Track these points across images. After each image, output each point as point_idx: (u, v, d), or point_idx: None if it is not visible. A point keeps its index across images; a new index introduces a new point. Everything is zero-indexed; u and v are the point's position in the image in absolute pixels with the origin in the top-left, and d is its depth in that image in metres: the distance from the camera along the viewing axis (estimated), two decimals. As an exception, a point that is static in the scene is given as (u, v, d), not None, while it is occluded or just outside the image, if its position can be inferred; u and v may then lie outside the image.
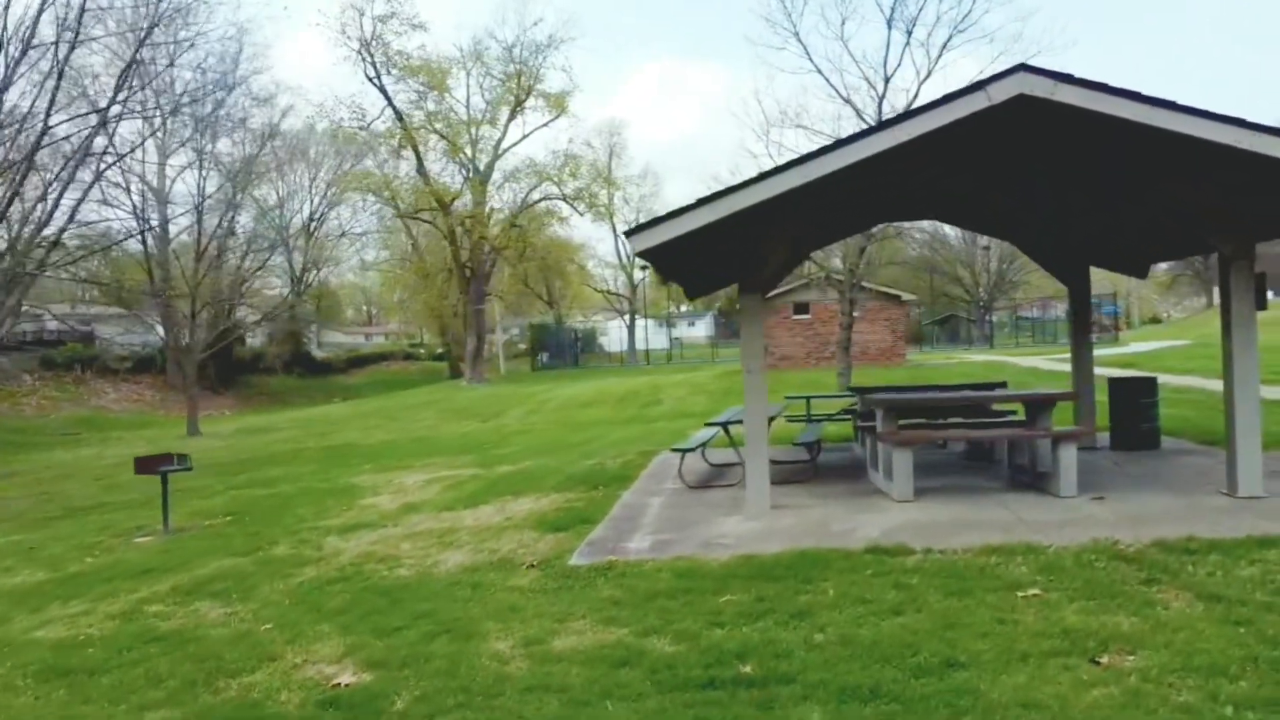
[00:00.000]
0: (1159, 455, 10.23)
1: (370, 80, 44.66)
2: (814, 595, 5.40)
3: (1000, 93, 6.60)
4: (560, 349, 58.49)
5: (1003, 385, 10.76)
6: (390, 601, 6.09)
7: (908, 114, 6.70)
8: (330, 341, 76.50)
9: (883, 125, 6.70)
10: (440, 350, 64.73)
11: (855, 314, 30.05)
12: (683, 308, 79.20)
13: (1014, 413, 9.80)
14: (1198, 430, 11.94)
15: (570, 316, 66.51)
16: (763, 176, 6.84)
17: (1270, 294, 64.98)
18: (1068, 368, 26.76)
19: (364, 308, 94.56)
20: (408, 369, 66.60)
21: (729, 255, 7.89)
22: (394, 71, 44.36)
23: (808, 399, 12.51)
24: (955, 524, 7.01)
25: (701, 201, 6.87)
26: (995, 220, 11.08)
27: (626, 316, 63.78)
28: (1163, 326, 65.19)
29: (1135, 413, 10.68)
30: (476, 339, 48.24)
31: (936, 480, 9.03)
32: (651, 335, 62.92)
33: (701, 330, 77.89)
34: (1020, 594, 5.22)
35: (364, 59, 43.89)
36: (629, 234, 6.88)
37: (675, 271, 8.13)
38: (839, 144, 6.75)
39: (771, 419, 9.83)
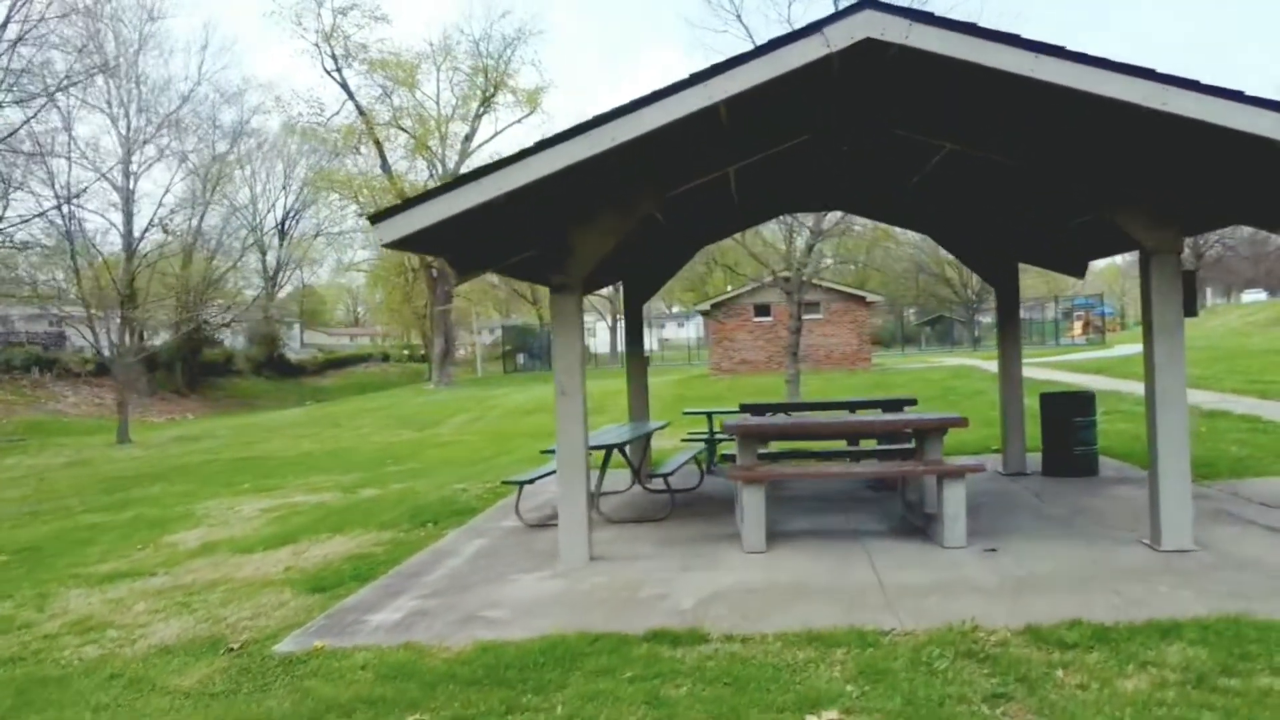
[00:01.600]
0: (1092, 484, 8.73)
1: (330, 74, 43.26)
2: (532, 714, 3.89)
3: (841, 36, 5.11)
4: (540, 351, 57.19)
5: (911, 402, 9.26)
6: (17, 704, 4.58)
7: (721, 65, 5.19)
8: (314, 343, 75.29)
9: (690, 80, 5.20)
10: (423, 352, 63.43)
11: (818, 315, 28.61)
12: (674, 308, 77.60)
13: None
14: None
15: None
16: (541, 146, 5.34)
17: (1265, 295, 62.90)
18: (1038, 374, 25.26)
19: (353, 309, 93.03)
20: (385, 371, 65.26)
21: (537, 246, 6.39)
22: (357, 65, 42.94)
23: (709, 414, 10.98)
24: (793, 590, 5.51)
25: (464, 179, 5.36)
26: (903, 211, 9.60)
27: (608, 317, 62.58)
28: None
29: (1068, 434, 9.18)
30: (444, 341, 46.81)
31: (812, 519, 7.53)
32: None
33: (691, 331, 76.26)
34: None
35: (322, 52, 42.46)
36: (373, 220, 5.38)
37: (478, 264, 6.64)
38: (630, 106, 5.24)
39: (628, 442, 8.33)
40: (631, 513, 8.29)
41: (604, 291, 63.78)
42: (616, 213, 6.27)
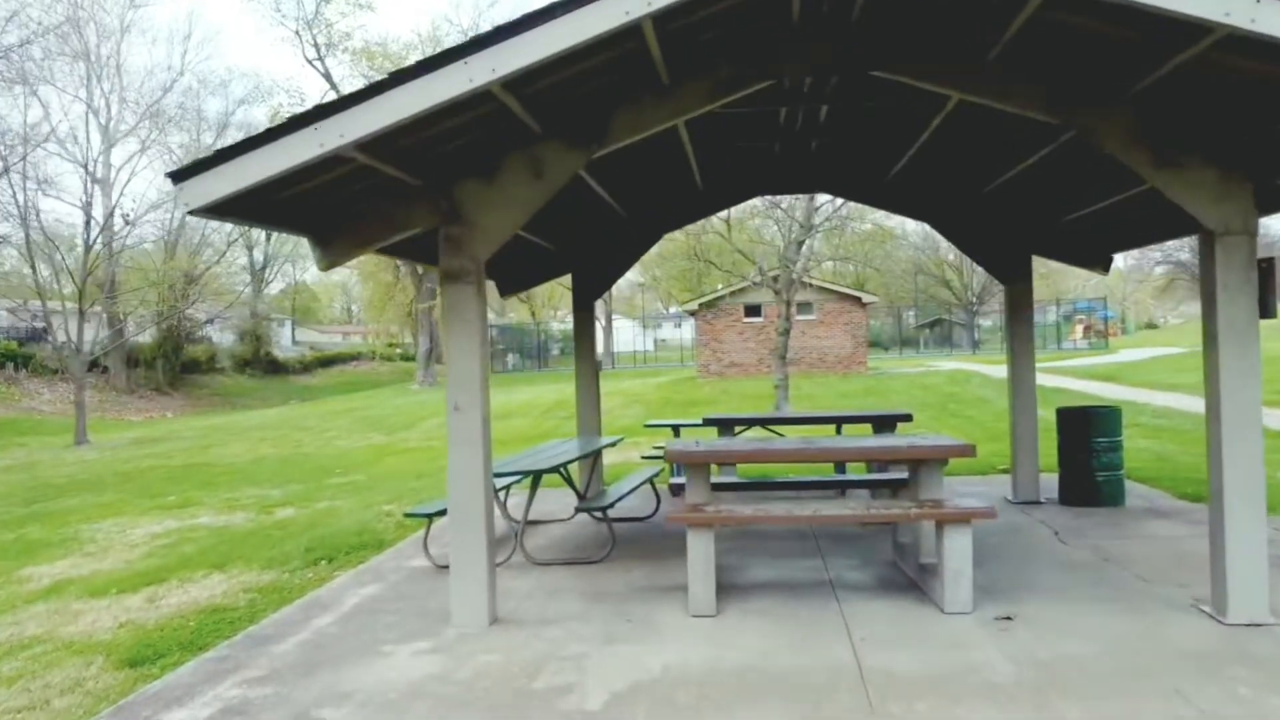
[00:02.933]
0: (1119, 518, 7.33)
1: (311, 63, 41.83)
2: None
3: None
4: (532, 350, 56.04)
5: (906, 418, 7.87)
6: None
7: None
8: (306, 340, 74.22)
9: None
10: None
11: (812, 316, 27.23)
12: (671, 309, 76.30)
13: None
14: (1178, 476, 9.06)
15: (554, 317, 64.28)
16: (397, 79, 3.93)
17: (1270, 299, 62.10)
18: (1043, 381, 23.83)
19: (347, 306, 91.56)
20: (375, 370, 64.06)
21: (421, 220, 4.98)
22: (340, 54, 41.58)
23: (675, 426, 9.56)
24: (741, 679, 4.10)
25: (294, 122, 3.95)
26: (897, 193, 8.18)
27: (602, 317, 61.69)
28: (1158, 332, 62.52)
29: (1090, 456, 7.79)
30: (429, 339, 45.54)
31: (779, 565, 6.12)
32: (637, 337, 60.43)
33: (687, 331, 74.88)
34: None
35: (303, 40, 41.05)
36: (174, 179, 3.97)
37: (349, 243, 5.19)
38: (521, 24, 3.82)
39: (563, 465, 6.91)
40: (564, 551, 6.88)
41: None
42: (526, 177, 4.87)
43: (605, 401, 26.08)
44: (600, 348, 61.23)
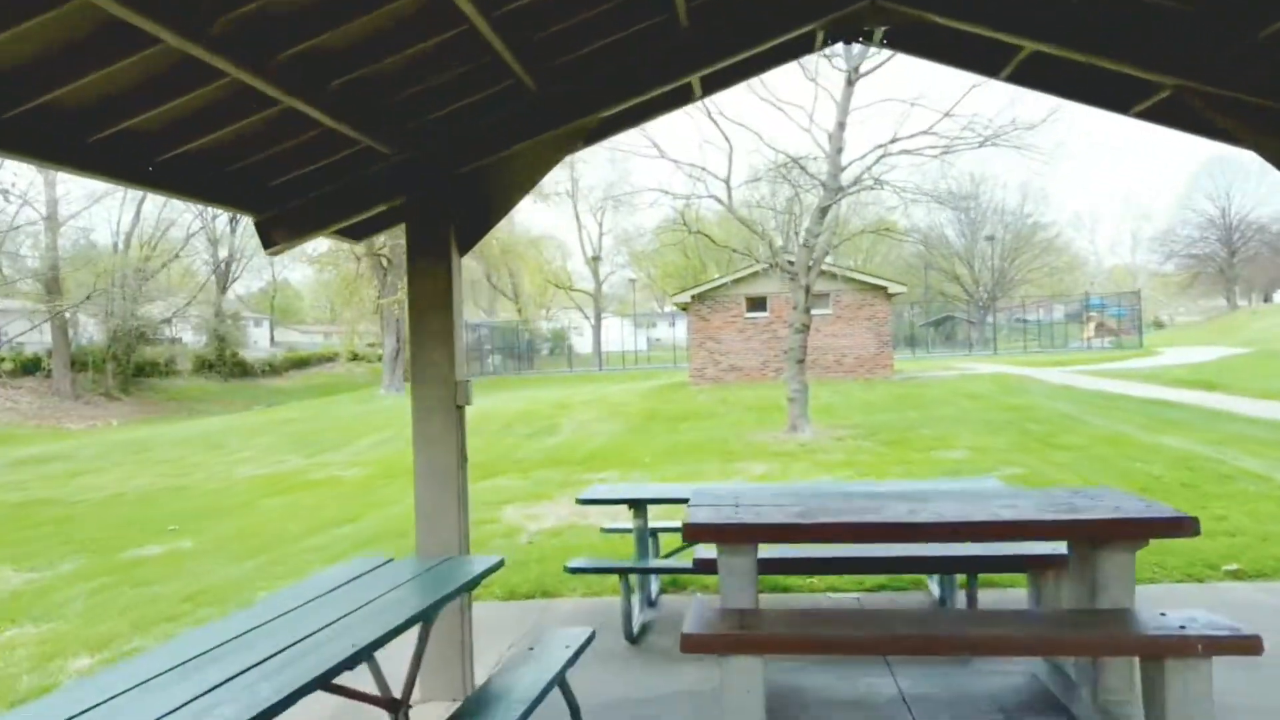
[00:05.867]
0: None
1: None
2: None
3: None
4: (521, 351, 52.58)
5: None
6: None
7: None
8: (286, 340, 71.83)
9: None
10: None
11: (826, 311, 22.86)
12: (665, 308, 72.44)
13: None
14: None
15: (547, 316, 60.59)
16: None
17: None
18: (1114, 386, 19.25)
19: (330, 305, 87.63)
20: (351, 372, 60.73)
21: None
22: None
23: (637, 503, 5.12)
24: None
25: None
26: (1062, 18, 3.77)
27: (592, 316, 58.89)
28: (1175, 331, 58.77)
29: None
30: (395, 340, 41.34)
31: None
32: (629, 337, 57.22)
33: (683, 331, 70.85)
34: None
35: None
36: None
37: None
38: None
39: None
40: None
41: (588, 286, 58.03)
42: None
43: (581, 412, 21.65)
44: (589, 347, 56.86)
